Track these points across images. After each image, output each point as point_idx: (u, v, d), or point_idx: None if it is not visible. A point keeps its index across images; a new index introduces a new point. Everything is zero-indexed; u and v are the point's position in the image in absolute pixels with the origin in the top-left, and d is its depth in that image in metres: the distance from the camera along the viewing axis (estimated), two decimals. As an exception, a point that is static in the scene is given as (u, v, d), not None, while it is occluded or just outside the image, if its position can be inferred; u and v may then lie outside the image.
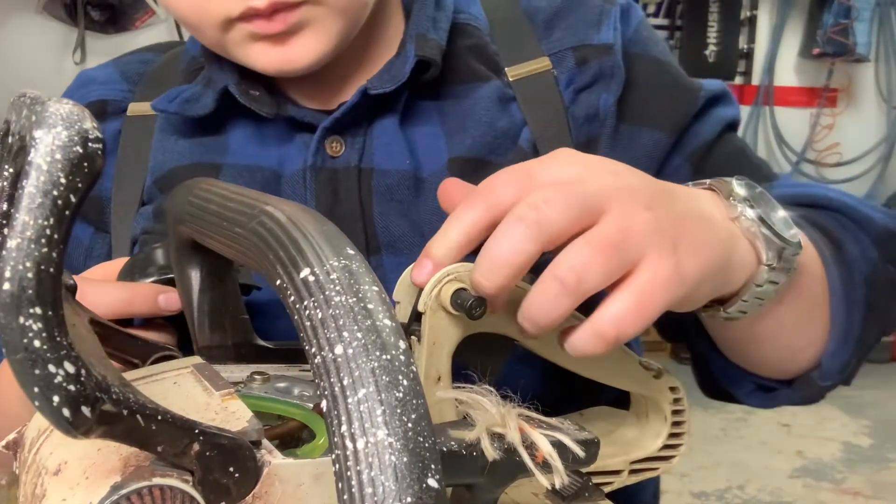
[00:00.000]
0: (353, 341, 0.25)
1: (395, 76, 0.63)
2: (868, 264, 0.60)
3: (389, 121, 0.65)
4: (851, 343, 0.59)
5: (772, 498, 2.73)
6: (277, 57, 0.61)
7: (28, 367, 0.23)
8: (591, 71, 0.66)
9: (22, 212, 0.23)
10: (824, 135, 4.17)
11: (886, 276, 0.60)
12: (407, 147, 0.65)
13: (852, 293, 0.59)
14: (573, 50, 0.67)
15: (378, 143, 0.65)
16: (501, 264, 0.40)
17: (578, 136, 0.66)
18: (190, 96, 0.67)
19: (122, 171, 0.69)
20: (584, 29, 0.67)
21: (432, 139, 0.65)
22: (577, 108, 0.66)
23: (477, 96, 0.66)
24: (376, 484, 0.23)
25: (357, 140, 0.65)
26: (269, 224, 0.31)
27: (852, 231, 0.61)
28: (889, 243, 0.61)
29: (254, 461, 0.31)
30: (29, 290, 0.23)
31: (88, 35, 3.41)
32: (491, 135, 0.64)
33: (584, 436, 0.40)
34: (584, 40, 0.67)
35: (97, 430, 0.25)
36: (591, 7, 0.69)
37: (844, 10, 3.86)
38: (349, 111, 0.64)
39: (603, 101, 0.66)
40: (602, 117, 0.66)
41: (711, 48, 3.94)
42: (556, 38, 0.68)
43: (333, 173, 0.64)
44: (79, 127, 0.24)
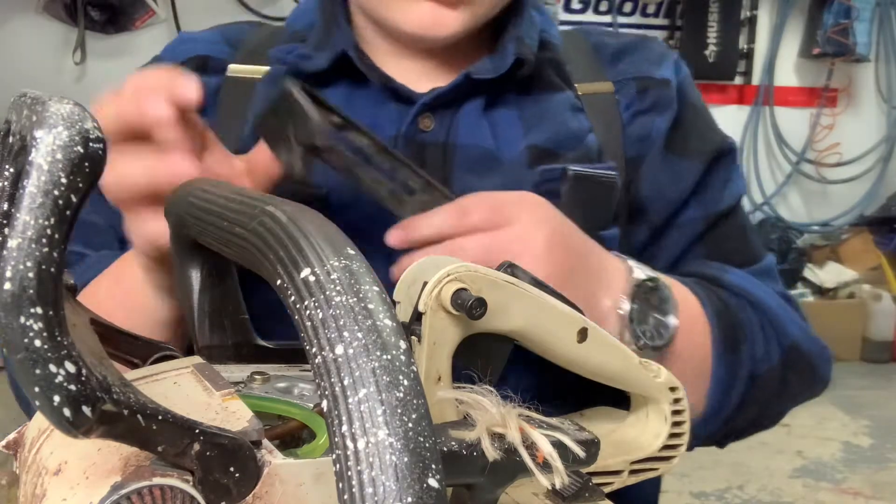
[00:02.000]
0: (354, 341, 0.25)
1: (497, 67, 0.72)
2: (764, 363, 0.72)
3: (475, 106, 0.73)
4: (720, 421, 0.71)
5: (772, 498, 2.73)
6: (434, 19, 0.69)
7: (29, 366, 0.23)
8: (649, 99, 0.77)
9: (23, 212, 0.23)
10: (824, 135, 4.17)
11: (780, 378, 0.73)
12: (489, 132, 0.73)
13: (733, 384, 0.70)
14: (636, 80, 0.78)
15: (462, 125, 0.73)
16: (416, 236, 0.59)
17: (629, 151, 0.76)
18: (305, 53, 0.73)
19: (219, 126, 0.73)
20: (646, 65, 0.79)
21: (511, 128, 0.73)
22: (633, 129, 0.77)
23: (553, 100, 0.75)
24: (377, 484, 0.23)
25: (446, 119, 0.72)
26: (269, 224, 0.31)
27: (767, 336, 0.73)
28: (792, 354, 0.74)
29: (254, 461, 0.31)
30: (30, 290, 0.23)
31: (88, 35, 3.41)
32: (563, 133, 0.74)
33: (585, 436, 0.40)
34: (647, 73, 0.78)
35: (98, 430, 0.25)
36: (653, 49, 0.81)
37: (844, 10, 3.86)
38: (450, 90, 0.71)
39: (656, 125, 0.77)
40: (653, 139, 0.77)
41: (711, 48, 3.94)
42: (620, 69, 0.79)
43: (422, 146, 0.71)
44: (80, 127, 0.24)
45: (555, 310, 0.49)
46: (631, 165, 0.75)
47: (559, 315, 0.49)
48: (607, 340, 0.52)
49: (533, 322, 0.48)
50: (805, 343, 0.75)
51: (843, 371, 3.72)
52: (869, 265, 4.05)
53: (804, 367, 0.75)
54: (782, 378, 0.73)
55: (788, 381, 0.74)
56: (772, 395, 0.73)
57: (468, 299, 0.43)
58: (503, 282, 0.46)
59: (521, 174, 0.71)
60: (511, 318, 0.46)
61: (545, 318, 0.48)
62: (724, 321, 0.70)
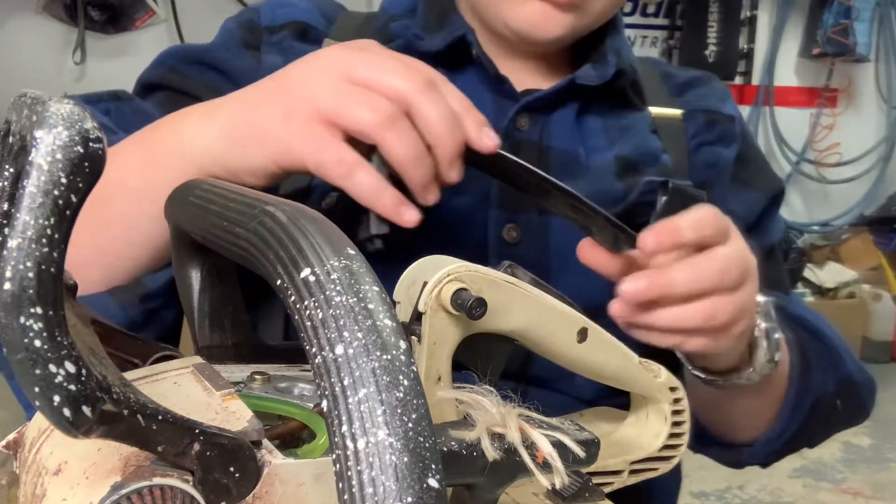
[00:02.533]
0: (354, 341, 0.25)
1: (602, 75, 0.74)
2: (823, 393, 0.75)
3: (568, 111, 0.75)
4: (780, 442, 0.75)
5: (772, 498, 2.73)
6: (542, 19, 0.70)
7: (29, 366, 0.23)
8: (716, 132, 0.81)
9: (23, 212, 0.23)
10: (824, 135, 4.17)
11: (831, 407, 0.76)
12: (579, 139, 0.75)
13: (799, 407, 0.73)
14: (705, 112, 0.82)
15: (556, 126, 0.75)
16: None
17: (695, 176, 0.79)
18: (420, 34, 0.75)
19: None
20: (714, 100, 0.84)
21: (597, 138, 0.76)
22: (699, 157, 0.80)
23: (633, 119, 0.78)
24: (377, 484, 0.23)
25: (539, 120, 0.74)
26: (269, 224, 0.31)
27: (825, 363, 0.76)
28: (847, 386, 0.77)
29: (254, 461, 0.31)
30: (30, 290, 0.23)
31: (88, 35, 3.41)
32: (644, 149, 0.77)
33: (585, 436, 0.40)
34: (716, 108, 0.83)
35: (98, 430, 0.25)
36: (717, 86, 0.86)
37: (844, 10, 3.86)
38: (553, 93, 0.73)
39: (723, 155, 0.81)
40: (721, 167, 0.81)
41: (711, 48, 3.93)
42: (687, 100, 0.83)
43: (517, 143, 0.72)
44: (80, 127, 0.24)
45: (555, 310, 0.49)
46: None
47: (559, 315, 0.49)
48: (607, 340, 0.52)
49: (533, 322, 0.48)
50: (857, 375, 0.79)
51: (843, 371, 3.72)
52: (869, 265, 4.04)
53: (854, 398, 0.79)
54: (833, 406, 0.77)
55: (838, 409, 0.77)
56: (822, 422, 0.77)
57: (468, 299, 0.43)
58: (503, 282, 0.46)
59: (608, 182, 0.73)
60: (511, 318, 0.46)
61: (545, 318, 0.48)
62: (797, 347, 0.73)
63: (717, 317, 0.57)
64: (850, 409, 0.79)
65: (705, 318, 0.57)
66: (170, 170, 0.57)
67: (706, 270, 0.56)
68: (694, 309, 0.57)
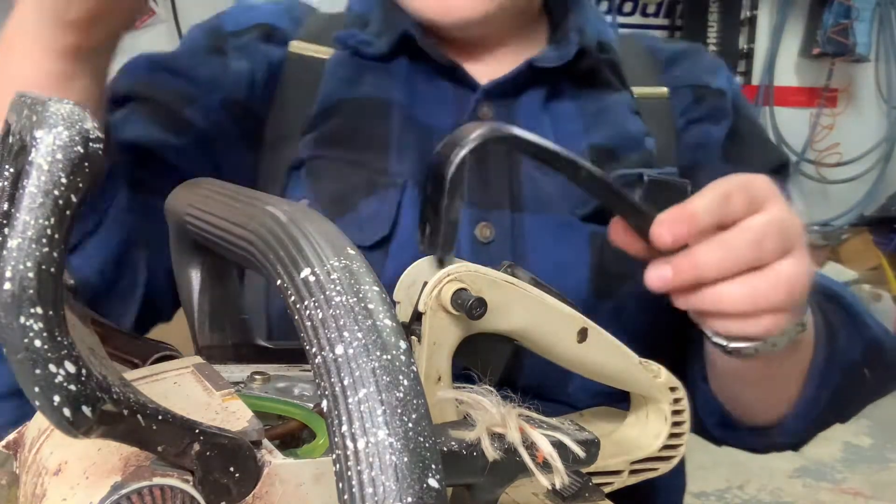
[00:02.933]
0: (354, 341, 0.25)
1: (562, 56, 0.71)
2: (850, 360, 0.68)
3: (534, 99, 0.73)
4: (812, 416, 0.68)
5: (772, 498, 2.73)
6: (440, 4, 0.68)
7: (29, 366, 0.23)
8: (705, 108, 0.77)
9: (23, 212, 0.23)
10: (824, 135, 4.17)
11: (860, 376, 0.70)
12: (548, 129, 0.72)
13: (828, 375, 0.67)
14: (692, 88, 0.78)
15: (521, 116, 0.72)
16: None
17: (682, 159, 0.75)
18: (365, 38, 0.74)
19: (283, 102, 0.74)
20: (702, 73, 0.79)
21: (572, 123, 0.73)
22: (688, 136, 0.76)
23: (611, 100, 0.75)
24: (377, 484, 0.23)
25: (503, 109, 0.72)
26: (269, 224, 0.31)
27: (849, 329, 0.69)
28: (874, 350, 0.70)
29: (254, 461, 0.31)
30: (30, 290, 0.23)
31: (88, 35, 3.41)
32: (623, 134, 0.73)
33: (585, 436, 0.40)
34: (704, 82, 0.78)
35: (98, 430, 0.25)
36: (706, 58, 0.81)
37: (844, 10, 3.85)
38: (511, 78, 0.71)
39: (712, 135, 0.76)
40: (709, 147, 0.76)
41: (711, 48, 3.93)
42: (675, 75, 0.79)
43: None
44: (80, 127, 0.24)
45: (555, 310, 0.49)
46: (684, 173, 0.74)
47: (559, 315, 0.49)
48: (607, 340, 0.52)
49: (533, 322, 0.48)
50: (884, 338, 0.73)
51: (843, 371, 3.72)
52: (869, 265, 4.04)
53: (883, 364, 0.72)
54: (862, 375, 0.70)
55: (866, 378, 0.71)
56: (853, 392, 0.71)
57: (468, 299, 0.43)
58: (503, 282, 0.46)
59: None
60: (511, 318, 0.46)
61: (545, 318, 0.48)
62: (820, 312, 0.67)
63: (758, 295, 0.52)
64: (881, 375, 0.72)
65: (745, 298, 0.52)
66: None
67: (736, 247, 0.51)
68: (731, 289, 0.52)
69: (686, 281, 0.52)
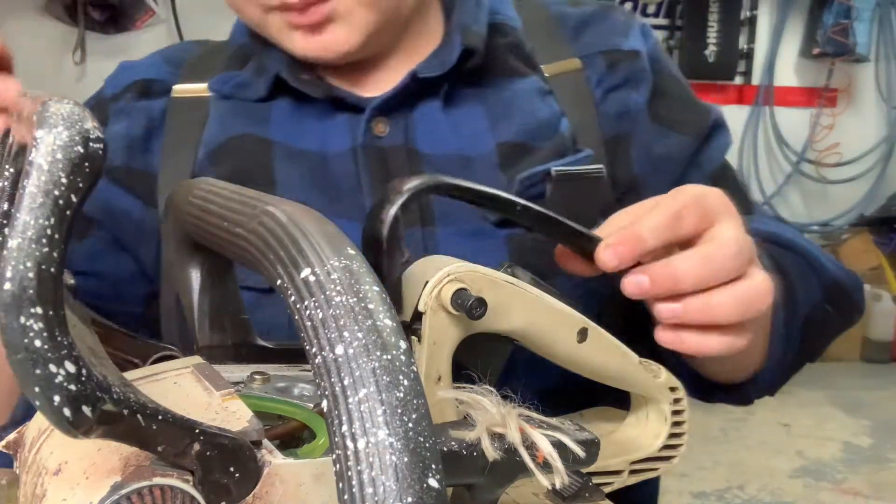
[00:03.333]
0: (354, 341, 0.25)
1: (444, 62, 0.68)
2: (810, 305, 0.68)
3: (432, 105, 0.70)
4: (782, 367, 0.68)
5: (772, 498, 2.73)
6: (313, 45, 0.66)
7: (29, 366, 0.23)
8: (621, 73, 0.73)
9: (23, 212, 0.23)
10: (824, 135, 4.17)
11: (823, 316, 0.69)
12: (452, 130, 0.69)
13: (791, 332, 0.66)
14: (604, 54, 0.73)
15: (420, 128, 0.69)
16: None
17: (608, 131, 0.72)
18: (242, 81, 0.72)
19: (171, 147, 0.72)
20: (613, 36, 0.74)
21: (477, 123, 0.70)
22: (608, 106, 0.72)
23: (517, 89, 0.71)
24: (377, 484, 0.23)
25: (400, 122, 0.69)
26: (269, 224, 0.31)
27: (806, 274, 0.69)
28: (834, 290, 0.70)
29: (254, 461, 0.31)
30: (30, 290, 0.23)
31: (88, 35, 3.41)
32: (534, 123, 0.69)
33: (585, 436, 0.40)
34: (615, 46, 0.73)
35: (98, 430, 0.25)
36: (616, 19, 0.76)
37: (844, 10, 3.85)
38: (398, 93, 0.68)
39: (633, 101, 0.72)
40: (633, 115, 0.72)
41: (711, 48, 3.93)
42: (585, 42, 0.74)
43: (382, 151, 0.68)
44: (80, 127, 0.24)
45: (555, 310, 0.49)
46: (611, 145, 0.71)
47: (559, 315, 0.49)
48: (607, 340, 0.52)
49: (533, 322, 0.48)
50: (841, 276, 0.72)
51: (843, 371, 3.72)
52: (869, 265, 4.04)
53: (843, 300, 0.72)
54: (826, 314, 0.70)
55: (831, 316, 0.71)
56: (819, 333, 0.71)
57: (468, 299, 0.43)
58: (503, 282, 0.46)
59: (495, 178, 0.66)
60: (511, 318, 0.46)
61: (545, 318, 0.48)
62: (775, 267, 0.65)
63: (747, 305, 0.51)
64: (843, 311, 0.72)
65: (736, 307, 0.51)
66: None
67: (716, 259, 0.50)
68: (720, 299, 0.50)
69: (664, 290, 0.50)
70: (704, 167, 0.75)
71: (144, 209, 0.72)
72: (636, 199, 0.70)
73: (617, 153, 0.72)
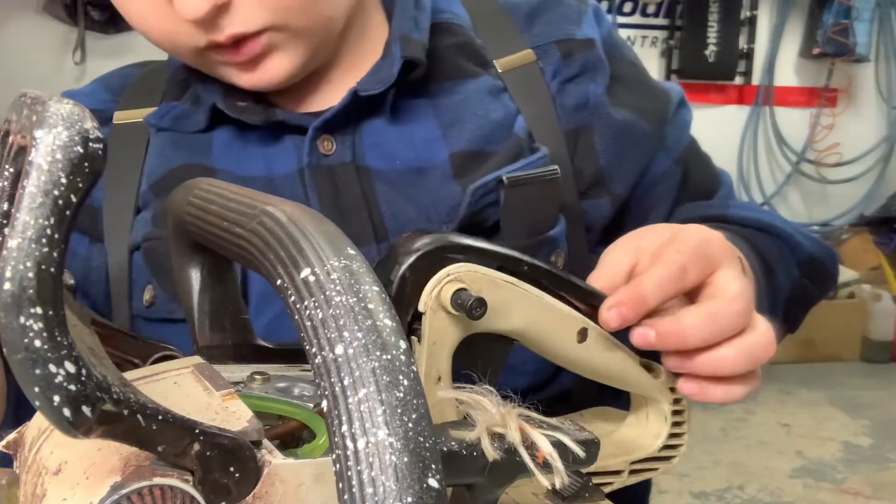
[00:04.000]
0: (354, 341, 0.25)
1: (384, 78, 0.65)
2: (790, 284, 0.70)
3: (379, 121, 0.67)
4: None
5: (772, 498, 2.73)
6: (252, 78, 0.63)
7: (28, 366, 0.23)
8: (576, 63, 0.70)
9: (23, 212, 0.23)
10: (824, 135, 4.17)
11: (802, 291, 0.71)
12: (402, 143, 0.66)
13: (774, 308, 0.67)
14: (558, 44, 0.71)
15: (368, 142, 0.67)
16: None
17: (567, 124, 0.70)
18: (181, 113, 0.69)
19: (113, 179, 0.69)
20: (565, 25, 0.71)
21: (429, 135, 0.67)
22: (565, 98, 0.70)
23: (468, 91, 0.68)
24: (377, 484, 0.23)
25: (347, 138, 0.66)
26: (269, 224, 0.31)
27: (784, 255, 0.70)
28: (810, 265, 0.72)
29: (254, 461, 0.31)
30: (30, 290, 0.23)
31: (88, 35, 3.41)
32: (487, 126, 0.67)
33: (585, 436, 0.40)
34: (568, 35, 0.71)
35: (98, 430, 0.25)
36: (568, 5, 0.73)
37: (844, 10, 3.86)
38: (339, 112, 0.65)
39: (591, 91, 0.70)
40: (592, 106, 0.70)
41: (711, 48, 3.93)
42: (537, 32, 0.71)
43: (330, 170, 0.65)
44: (79, 127, 0.24)
45: (555, 310, 0.49)
46: (571, 137, 0.70)
47: (559, 315, 0.49)
48: (607, 340, 0.52)
49: (533, 322, 0.48)
50: (816, 251, 0.73)
51: (843, 371, 3.72)
52: (869, 265, 4.04)
53: (819, 274, 0.74)
54: (804, 289, 0.72)
55: (809, 290, 0.73)
56: (798, 308, 0.72)
57: (468, 299, 0.43)
58: (503, 282, 0.46)
59: (449, 189, 0.64)
60: (511, 318, 0.46)
61: (545, 318, 0.48)
62: (755, 254, 0.66)
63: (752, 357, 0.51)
64: (819, 282, 0.74)
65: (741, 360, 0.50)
66: None
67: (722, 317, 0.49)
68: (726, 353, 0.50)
69: (671, 346, 0.50)
70: (672, 149, 0.74)
71: (90, 245, 0.70)
72: (602, 192, 0.71)
73: (578, 146, 0.70)
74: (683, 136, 0.75)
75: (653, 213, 0.74)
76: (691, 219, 0.70)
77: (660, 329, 0.49)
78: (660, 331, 0.49)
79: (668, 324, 0.49)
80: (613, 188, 0.71)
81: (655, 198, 0.74)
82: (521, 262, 0.48)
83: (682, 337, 0.49)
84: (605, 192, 0.71)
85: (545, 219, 0.66)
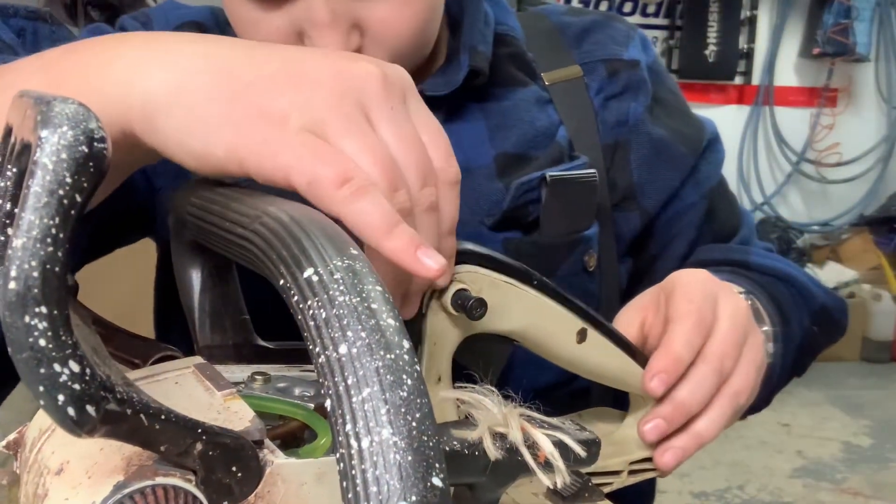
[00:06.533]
0: (357, 341, 0.25)
1: (450, 82, 0.68)
2: (802, 332, 0.74)
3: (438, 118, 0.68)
4: (775, 387, 0.73)
5: (772, 498, 2.73)
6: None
7: (33, 365, 0.23)
8: (621, 82, 0.74)
9: (28, 211, 0.23)
10: (824, 135, 4.17)
11: (811, 338, 0.75)
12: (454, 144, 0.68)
13: (786, 361, 0.72)
14: (604, 62, 0.75)
15: None
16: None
17: (606, 137, 0.73)
18: None
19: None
20: (613, 45, 0.76)
21: (477, 136, 0.70)
22: (607, 114, 0.74)
23: (517, 98, 0.72)
24: (381, 482, 0.23)
25: None
26: (271, 224, 0.31)
27: (799, 305, 0.74)
28: (821, 315, 0.77)
29: (256, 461, 0.31)
30: (34, 290, 0.23)
31: (88, 35, 3.41)
32: (532, 133, 0.70)
33: (586, 436, 0.40)
34: (615, 55, 0.75)
35: (101, 430, 0.25)
36: (617, 28, 0.77)
37: (844, 10, 3.86)
38: None
39: (633, 110, 0.74)
40: (632, 123, 0.74)
41: (711, 48, 3.94)
42: (586, 50, 0.76)
43: None
44: (84, 127, 0.24)
45: (555, 310, 0.49)
46: (609, 152, 0.73)
47: (559, 315, 0.49)
48: (606, 341, 0.52)
49: (533, 322, 0.48)
50: (829, 302, 0.78)
51: (843, 371, 3.72)
52: (869, 265, 4.05)
53: (829, 323, 0.78)
54: (814, 337, 0.75)
55: (818, 338, 0.76)
56: (807, 355, 0.76)
57: (468, 299, 0.43)
58: (503, 282, 0.46)
59: (491, 186, 0.67)
60: (511, 319, 0.46)
61: (545, 319, 0.48)
62: (772, 302, 0.71)
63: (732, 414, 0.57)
64: (828, 332, 0.79)
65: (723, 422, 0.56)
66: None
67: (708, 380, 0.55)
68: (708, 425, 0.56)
69: (678, 425, 0.55)
70: (702, 184, 0.78)
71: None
72: (633, 205, 0.75)
73: (615, 159, 0.74)
74: (715, 174, 0.79)
75: (676, 241, 0.78)
76: (712, 260, 0.75)
77: (667, 417, 0.54)
78: (667, 417, 0.54)
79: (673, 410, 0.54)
80: (643, 203, 0.75)
81: (681, 227, 0.78)
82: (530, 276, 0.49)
83: (686, 413, 0.54)
84: (635, 206, 0.75)
85: (582, 219, 0.70)
